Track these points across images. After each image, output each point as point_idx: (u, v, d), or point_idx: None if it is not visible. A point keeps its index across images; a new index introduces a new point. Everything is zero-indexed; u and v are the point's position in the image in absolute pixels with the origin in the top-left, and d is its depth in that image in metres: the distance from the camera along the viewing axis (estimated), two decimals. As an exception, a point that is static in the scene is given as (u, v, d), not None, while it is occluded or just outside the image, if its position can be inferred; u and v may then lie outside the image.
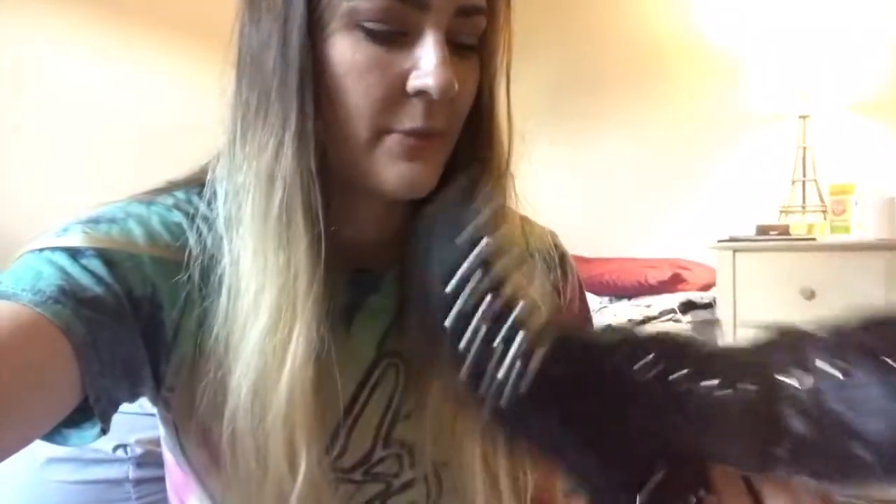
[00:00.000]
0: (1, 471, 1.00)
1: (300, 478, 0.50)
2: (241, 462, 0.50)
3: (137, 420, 0.94)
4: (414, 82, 0.48)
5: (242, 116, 0.51)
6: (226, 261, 0.51)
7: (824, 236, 2.37)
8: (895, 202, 2.26)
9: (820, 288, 2.24)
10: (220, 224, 0.53)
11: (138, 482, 1.00)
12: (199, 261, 0.52)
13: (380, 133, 0.50)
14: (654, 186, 3.10)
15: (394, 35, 0.48)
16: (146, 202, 0.55)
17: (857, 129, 2.57)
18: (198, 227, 0.54)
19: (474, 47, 0.52)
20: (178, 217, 0.54)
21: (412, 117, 0.49)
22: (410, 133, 0.50)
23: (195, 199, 0.56)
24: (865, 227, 2.34)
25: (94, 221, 0.52)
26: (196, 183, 0.58)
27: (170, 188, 0.58)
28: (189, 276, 0.53)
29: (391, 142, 0.50)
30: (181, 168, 0.60)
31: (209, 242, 0.53)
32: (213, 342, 0.51)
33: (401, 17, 0.48)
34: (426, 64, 0.48)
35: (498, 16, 0.52)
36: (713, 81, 2.89)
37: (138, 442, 1.00)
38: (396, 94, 0.49)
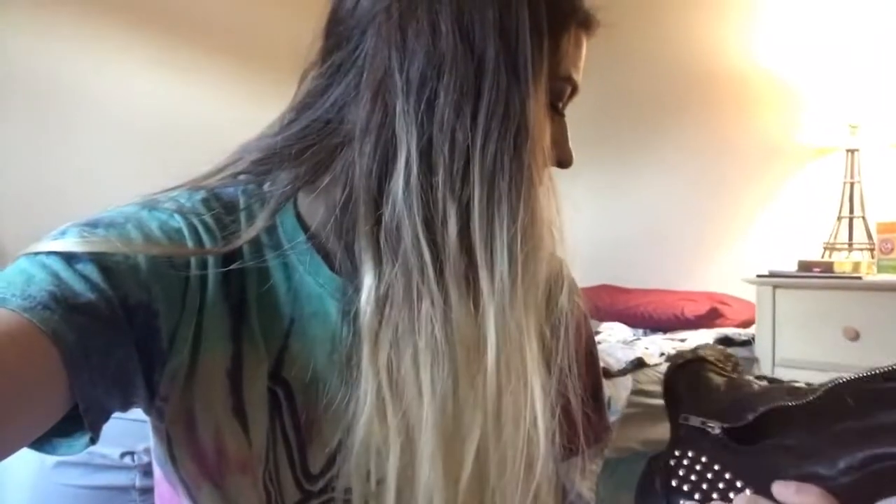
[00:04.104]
0: (9, 472, 1.01)
1: None
2: None
3: (146, 428, 0.94)
4: (560, 154, 0.60)
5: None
6: (296, 277, 0.56)
7: (871, 275, 2.28)
8: (947, 242, 2.16)
9: (865, 329, 2.14)
10: (279, 235, 0.57)
11: (144, 490, 1.00)
12: (206, 269, 0.53)
13: None
14: (695, 217, 3.03)
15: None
16: (147, 207, 0.55)
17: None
18: (198, 233, 0.54)
19: None
20: (178, 223, 0.54)
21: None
22: None
23: (199, 205, 0.56)
24: (915, 267, 2.24)
25: (93, 225, 0.51)
26: (199, 187, 0.58)
27: (172, 193, 0.58)
28: (188, 284, 0.53)
29: None
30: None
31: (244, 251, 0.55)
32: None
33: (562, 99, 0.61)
34: (566, 142, 0.61)
35: None
36: (760, 111, 2.83)
37: (146, 450, 1.01)
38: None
